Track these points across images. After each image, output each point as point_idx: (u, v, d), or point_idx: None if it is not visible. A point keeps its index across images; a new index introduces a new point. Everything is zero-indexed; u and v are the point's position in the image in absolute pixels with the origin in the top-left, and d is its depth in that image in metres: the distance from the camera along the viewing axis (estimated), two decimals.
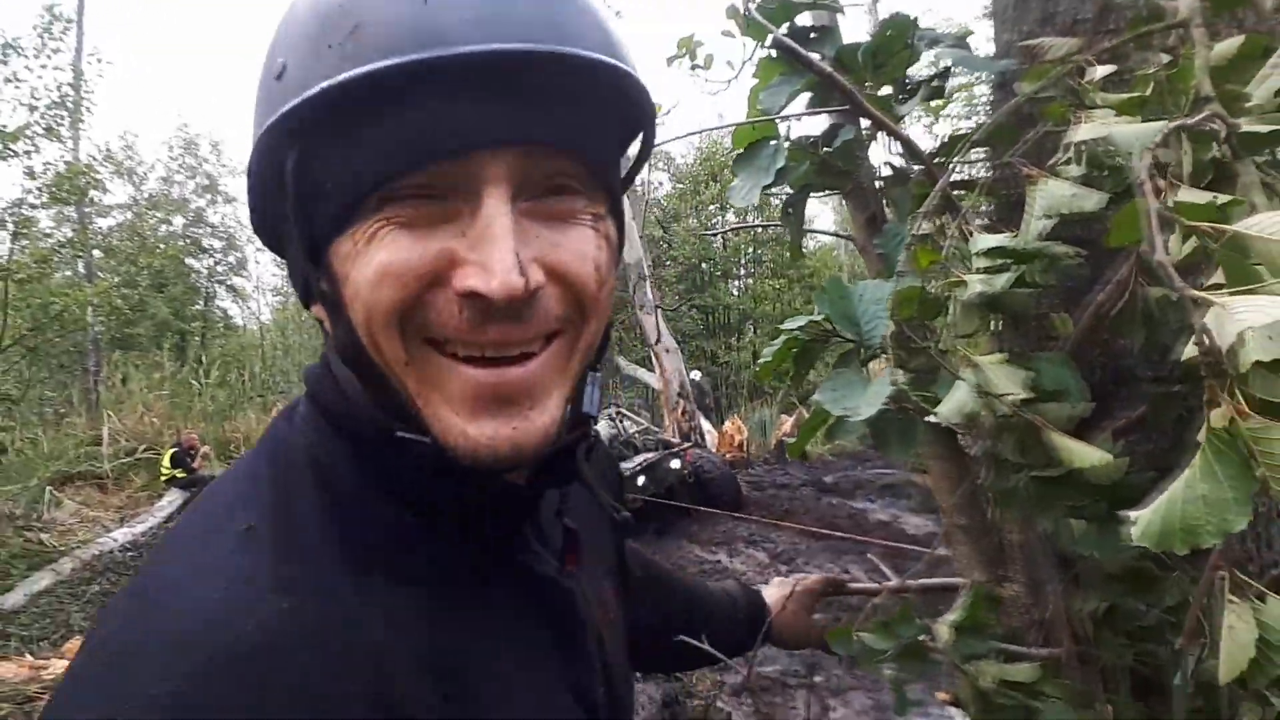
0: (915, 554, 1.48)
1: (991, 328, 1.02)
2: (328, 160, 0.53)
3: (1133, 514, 0.50)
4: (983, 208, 1.14)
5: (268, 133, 0.53)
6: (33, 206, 8.22)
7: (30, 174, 8.17)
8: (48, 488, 7.52)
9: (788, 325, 1.02)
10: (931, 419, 0.82)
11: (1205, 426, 0.47)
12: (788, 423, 13.29)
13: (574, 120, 0.54)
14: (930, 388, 0.95)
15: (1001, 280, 0.83)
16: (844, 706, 4.64)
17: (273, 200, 0.57)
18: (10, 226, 7.88)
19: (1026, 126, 1.08)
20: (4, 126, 7.59)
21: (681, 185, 23.41)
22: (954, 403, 0.80)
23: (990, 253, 0.84)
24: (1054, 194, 0.81)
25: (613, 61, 0.54)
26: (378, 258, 0.52)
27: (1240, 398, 0.46)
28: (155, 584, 0.52)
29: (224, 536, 0.53)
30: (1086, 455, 0.73)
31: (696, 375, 13.64)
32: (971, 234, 0.87)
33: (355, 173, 0.52)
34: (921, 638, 0.98)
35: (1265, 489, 0.44)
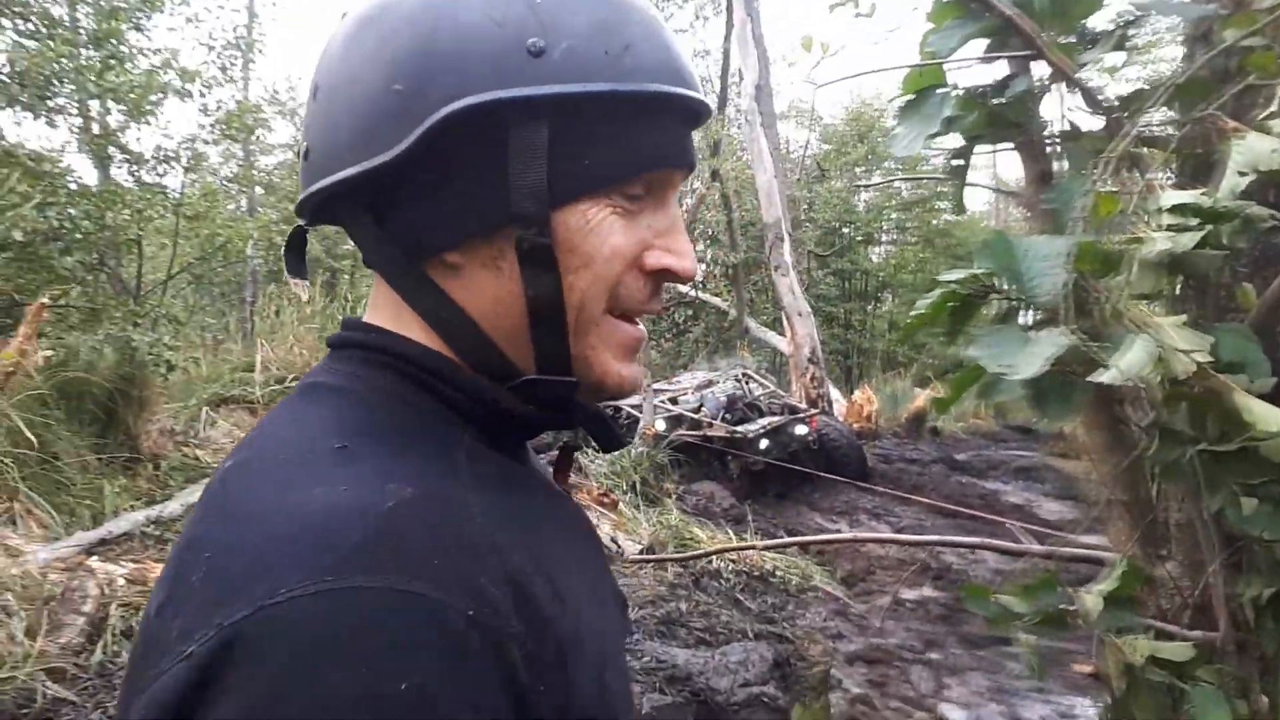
0: (1056, 537, 1.42)
1: (1170, 292, 0.97)
2: (581, 144, 0.61)
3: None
4: (1170, 167, 1.07)
5: (513, 102, 0.59)
6: (205, 143, 8.74)
7: (204, 111, 8.69)
8: (205, 408, 8.10)
9: (945, 277, 0.99)
10: (1099, 379, 0.79)
11: None
12: (921, 397, 12.91)
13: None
14: (1098, 351, 0.91)
15: (1187, 239, 0.78)
16: (961, 685, 4.54)
17: (460, 160, 0.62)
18: (184, 161, 8.41)
19: (1224, 81, 1.00)
20: (184, 67, 8.09)
21: (828, 145, 22.82)
22: (1130, 361, 0.76)
23: (1177, 209, 0.79)
24: (1255, 149, 0.76)
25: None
26: (612, 240, 0.63)
27: None
28: (252, 502, 0.53)
29: (316, 456, 0.55)
30: (1274, 418, 0.68)
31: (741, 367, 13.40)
32: (1157, 190, 0.82)
33: (613, 161, 0.62)
34: (1064, 606, 0.95)
35: None
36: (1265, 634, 0.99)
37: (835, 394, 12.63)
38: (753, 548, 2.78)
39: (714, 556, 5.87)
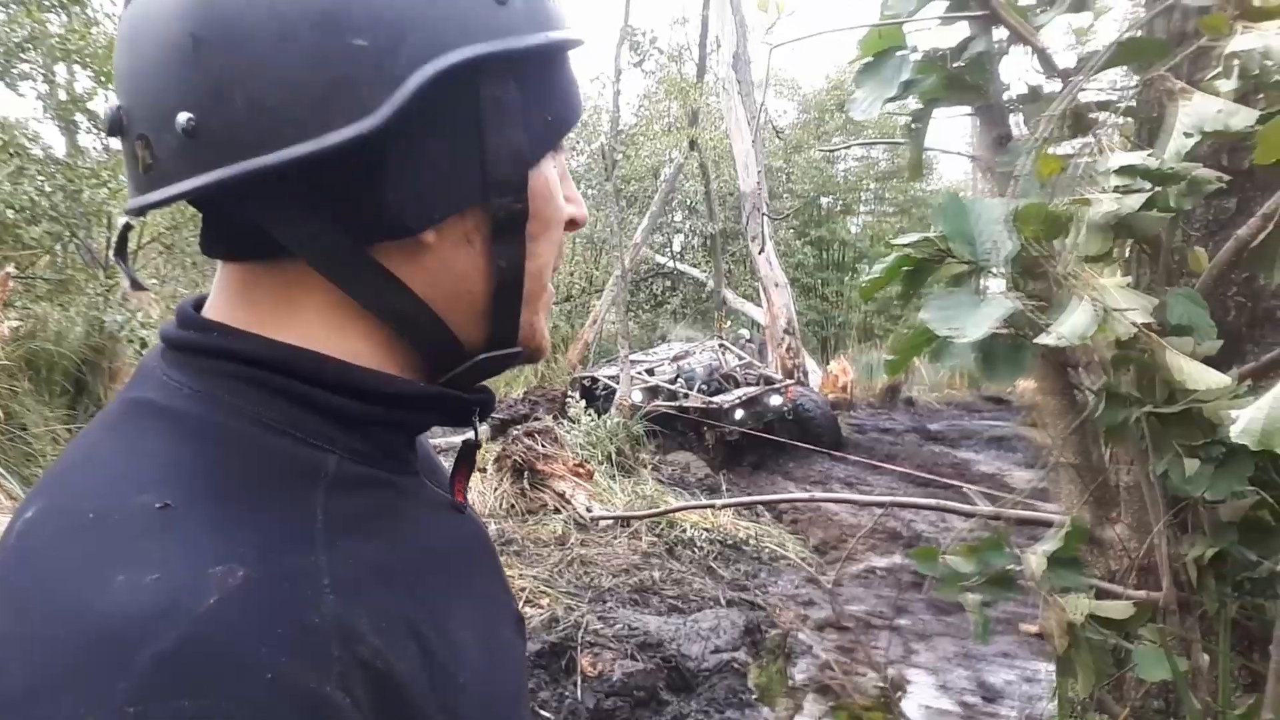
0: (1018, 501, 1.44)
1: (1120, 255, 0.97)
2: (542, 99, 0.58)
3: (1234, 412, 0.48)
4: (1126, 131, 1.07)
5: (490, 59, 0.53)
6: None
7: None
8: None
9: (899, 241, 0.99)
10: (1042, 341, 0.79)
11: None
12: None
13: None
14: (1047, 314, 0.91)
15: (1133, 201, 0.78)
16: (929, 650, 4.61)
17: (423, 126, 0.53)
18: None
19: (1180, 44, 1.00)
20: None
21: (806, 115, 22.73)
22: (1073, 323, 0.76)
23: (1123, 171, 0.79)
24: (1200, 110, 0.76)
25: None
26: (557, 199, 0.60)
27: None
28: (40, 587, 0.43)
29: (127, 521, 0.44)
30: (1203, 377, 0.69)
31: (745, 333, 13.41)
32: (1106, 151, 0.82)
33: (562, 113, 0.59)
34: (1011, 567, 0.96)
35: None
36: (1207, 593, 1.00)
37: (811, 365, 12.69)
38: (709, 506, 2.80)
39: (689, 526, 5.92)
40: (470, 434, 0.64)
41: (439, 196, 0.54)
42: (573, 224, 0.63)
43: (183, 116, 0.49)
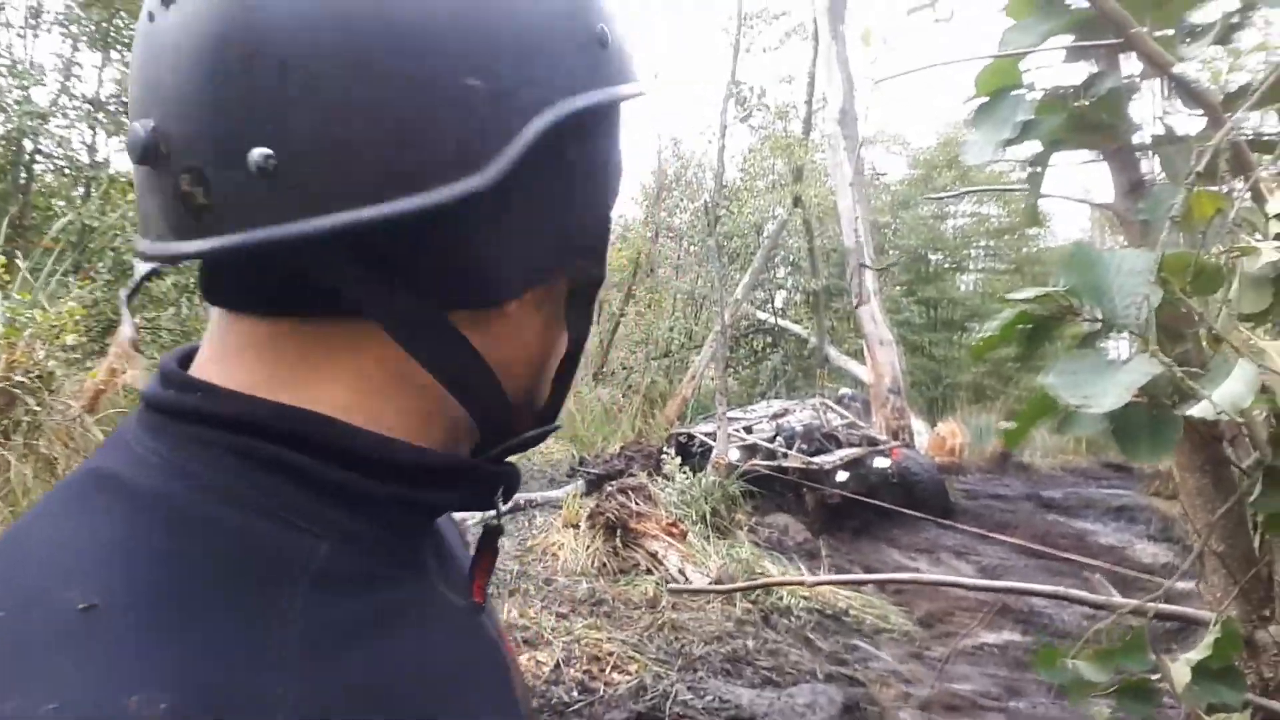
0: (1149, 584, 1.28)
1: None
2: (610, 155, 0.53)
3: None
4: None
5: (598, 108, 0.48)
6: None
7: None
8: None
9: (1016, 296, 0.88)
10: (1190, 412, 0.67)
11: None
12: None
13: None
14: (1194, 380, 0.79)
15: None
16: None
17: (549, 178, 0.48)
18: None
19: None
20: None
21: (916, 170, 22.40)
22: (1228, 391, 0.64)
23: None
24: None
25: None
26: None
27: None
28: None
29: (45, 620, 0.37)
30: None
31: (849, 391, 12.97)
32: (1265, 194, 0.71)
33: (618, 171, 0.54)
34: (1150, 674, 0.83)
35: None
36: None
37: (919, 426, 12.27)
38: (800, 583, 2.66)
39: (785, 594, 5.70)
40: (491, 517, 0.54)
41: (529, 263, 0.49)
42: None
43: (258, 153, 0.40)
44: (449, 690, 0.47)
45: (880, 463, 8.72)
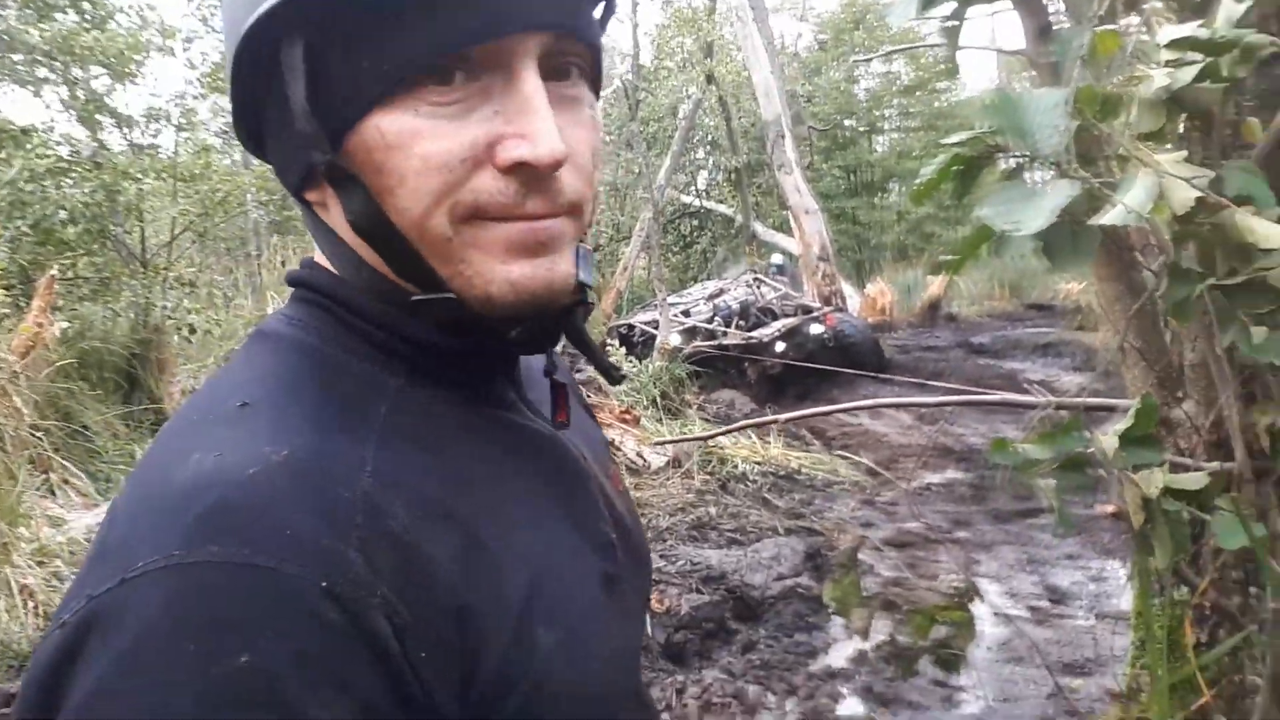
0: (1101, 409, 1.44)
1: (1174, 132, 0.96)
2: (353, 47, 0.54)
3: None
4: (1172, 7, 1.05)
5: (268, 17, 0.53)
6: (194, 98, 8.64)
7: (190, 65, 8.56)
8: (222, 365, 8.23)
9: (948, 141, 0.99)
10: (1104, 219, 0.80)
11: None
12: (935, 284, 12.86)
13: (582, 8, 0.59)
14: (1109, 197, 0.91)
15: (1185, 73, 0.78)
16: (992, 559, 4.66)
17: (262, 88, 0.58)
18: (175, 119, 8.33)
19: None
20: (164, 22, 7.96)
21: (824, 36, 22.19)
22: (1133, 198, 0.77)
23: (1175, 44, 0.79)
24: None
25: None
26: (420, 148, 0.54)
27: None
28: (150, 468, 0.53)
29: (217, 416, 0.54)
30: (1267, 233, 0.70)
31: (778, 258, 13.20)
32: (1155, 26, 0.82)
33: (392, 60, 0.53)
34: (1083, 450, 0.98)
35: None
36: None
37: (849, 290, 12.59)
38: (771, 421, 2.82)
39: (740, 461, 5.99)
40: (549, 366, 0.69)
41: (291, 157, 0.59)
42: (525, 166, 0.55)
43: None
44: (476, 487, 0.59)
45: (815, 329, 9.01)
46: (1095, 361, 8.27)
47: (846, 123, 21.52)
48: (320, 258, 0.64)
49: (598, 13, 0.63)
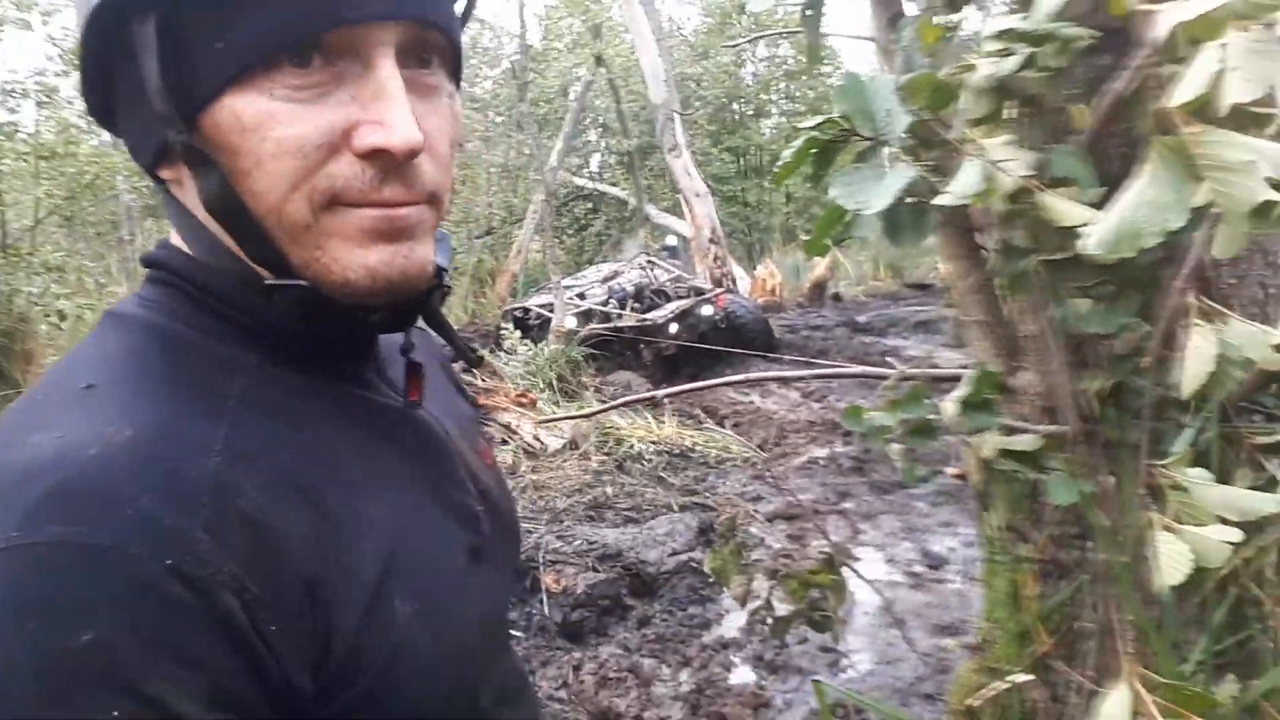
0: (950, 379, 1.53)
1: (1007, 119, 1.03)
2: (207, 25, 0.54)
3: (1087, 227, 0.54)
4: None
5: None
6: (56, 75, 8.12)
7: (51, 41, 8.05)
8: None
9: (804, 125, 1.04)
10: (938, 202, 0.85)
11: (1153, 137, 0.50)
12: (821, 265, 13.22)
13: (441, 1, 0.60)
14: (946, 179, 0.97)
15: (1009, 63, 0.84)
16: (874, 529, 4.85)
17: (116, 65, 0.58)
18: (34, 97, 7.81)
19: None
20: None
21: (710, 19, 22.40)
22: (963, 182, 0.82)
23: (1000, 35, 0.85)
24: None
25: None
26: (276, 133, 0.54)
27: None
28: None
29: (60, 396, 0.54)
30: (1076, 214, 0.76)
31: (672, 240, 13.42)
32: (986, 19, 0.88)
33: (248, 40, 0.53)
34: (930, 417, 1.05)
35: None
36: (1108, 423, 1.10)
37: (739, 271, 12.81)
38: (655, 395, 2.88)
39: (636, 441, 6.06)
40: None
41: (143, 135, 0.59)
42: (382, 152, 0.55)
43: None
44: (333, 462, 0.60)
45: (707, 311, 9.14)
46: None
47: (734, 106, 21.80)
48: (176, 239, 0.63)
49: (459, 7, 0.64)
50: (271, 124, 0.54)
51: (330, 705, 0.52)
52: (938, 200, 0.85)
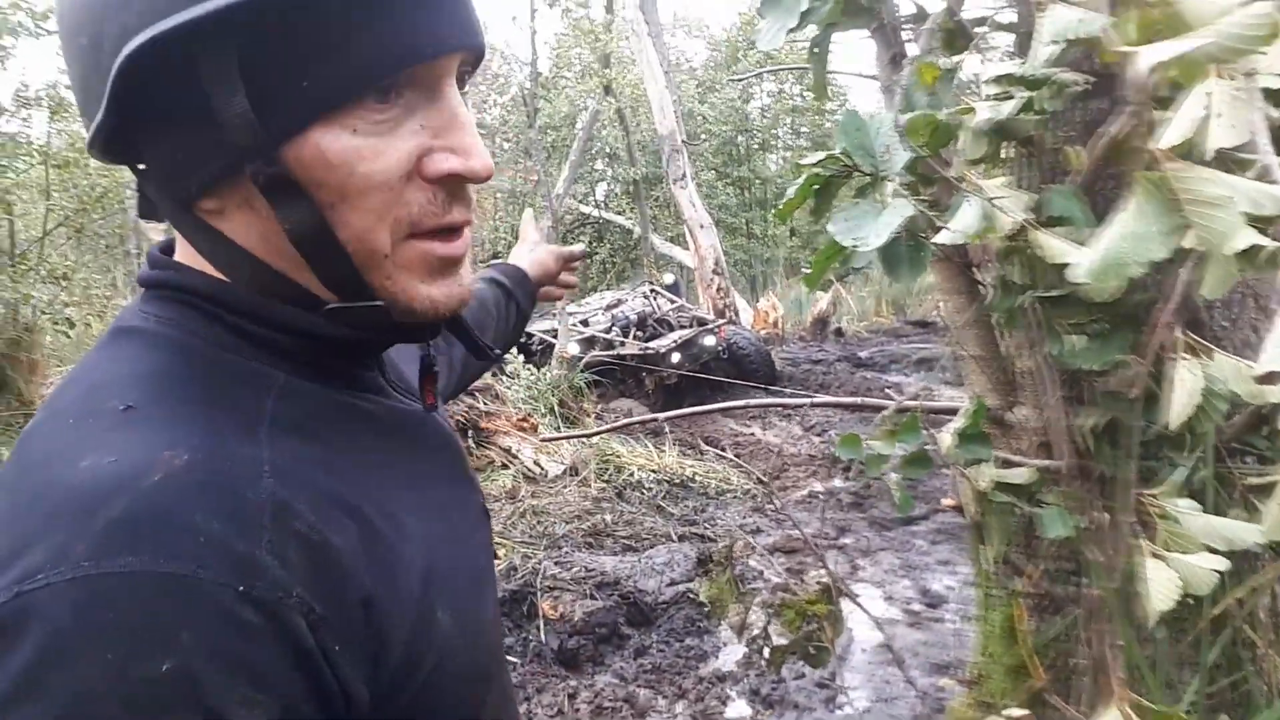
0: (948, 412, 1.55)
1: (1005, 157, 1.06)
2: (292, 62, 0.54)
3: (1075, 259, 0.56)
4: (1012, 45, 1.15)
5: (183, 30, 0.51)
6: (68, 87, 8.21)
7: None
8: None
9: (806, 161, 1.06)
10: (938, 240, 0.87)
11: (1137, 172, 0.52)
12: (824, 300, 13.27)
13: (480, 28, 0.62)
14: (943, 217, 1.00)
15: (1007, 106, 0.87)
16: (873, 565, 4.83)
17: (157, 93, 0.55)
18: (46, 107, 7.89)
19: None
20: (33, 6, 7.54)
21: (718, 53, 22.65)
22: (962, 220, 0.85)
23: (999, 80, 0.87)
24: (1061, 19, 0.84)
25: None
26: (362, 168, 0.56)
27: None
28: (28, 471, 0.52)
29: (100, 418, 0.53)
30: (1068, 253, 0.78)
31: (670, 278, 13.48)
32: (984, 63, 0.90)
33: (334, 78, 0.54)
34: (926, 446, 1.07)
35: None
36: (1102, 458, 1.12)
37: (741, 303, 12.85)
38: (655, 418, 2.88)
39: (636, 469, 6.06)
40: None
41: (193, 169, 0.57)
42: (457, 177, 0.58)
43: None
44: (400, 459, 0.64)
45: (709, 341, 9.16)
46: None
47: (741, 139, 21.98)
48: (186, 259, 0.63)
49: None
50: (358, 159, 0.56)
51: (380, 712, 0.54)
52: (938, 238, 0.87)
